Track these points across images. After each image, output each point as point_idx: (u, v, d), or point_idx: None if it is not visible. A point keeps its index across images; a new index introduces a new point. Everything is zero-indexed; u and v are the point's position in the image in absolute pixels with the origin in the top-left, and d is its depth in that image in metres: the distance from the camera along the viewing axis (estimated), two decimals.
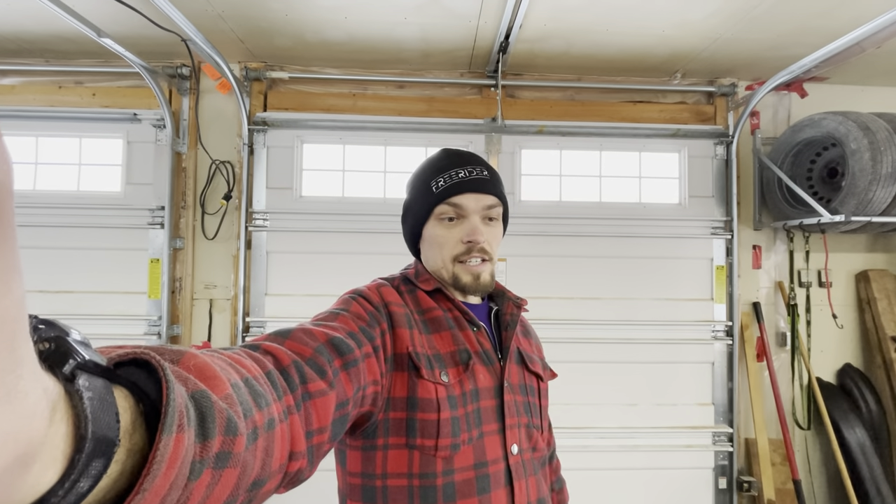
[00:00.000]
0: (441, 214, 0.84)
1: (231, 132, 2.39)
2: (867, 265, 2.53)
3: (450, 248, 0.83)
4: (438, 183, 0.83)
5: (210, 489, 0.34)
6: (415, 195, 0.88)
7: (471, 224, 0.83)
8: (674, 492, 2.35)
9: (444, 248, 0.84)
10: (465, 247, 0.83)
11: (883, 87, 2.54)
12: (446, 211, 0.83)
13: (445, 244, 0.84)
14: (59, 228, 2.28)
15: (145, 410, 0.29)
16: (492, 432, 0.78)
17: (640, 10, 1.89)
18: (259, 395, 0.43)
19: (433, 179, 0.84)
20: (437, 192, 0.83)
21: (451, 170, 0.84)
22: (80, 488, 0.24)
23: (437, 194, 0.83)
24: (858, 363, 2.51)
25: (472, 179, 0.83)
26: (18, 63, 2.33)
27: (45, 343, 0.25)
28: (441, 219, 0.84)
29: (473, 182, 0.83)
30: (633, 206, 2.46)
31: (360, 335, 0.68)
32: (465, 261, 0.83)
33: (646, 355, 2.38)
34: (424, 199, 0.85)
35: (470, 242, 0.82)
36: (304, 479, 0.53)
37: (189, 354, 0.37)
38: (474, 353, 0.81)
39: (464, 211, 0.83)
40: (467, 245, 0.83)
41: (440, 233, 0.84)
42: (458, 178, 0.83)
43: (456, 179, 0.83)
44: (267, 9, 1.92)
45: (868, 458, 2.28)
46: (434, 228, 0.85)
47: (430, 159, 0.89)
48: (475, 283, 0.84)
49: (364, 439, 0.74)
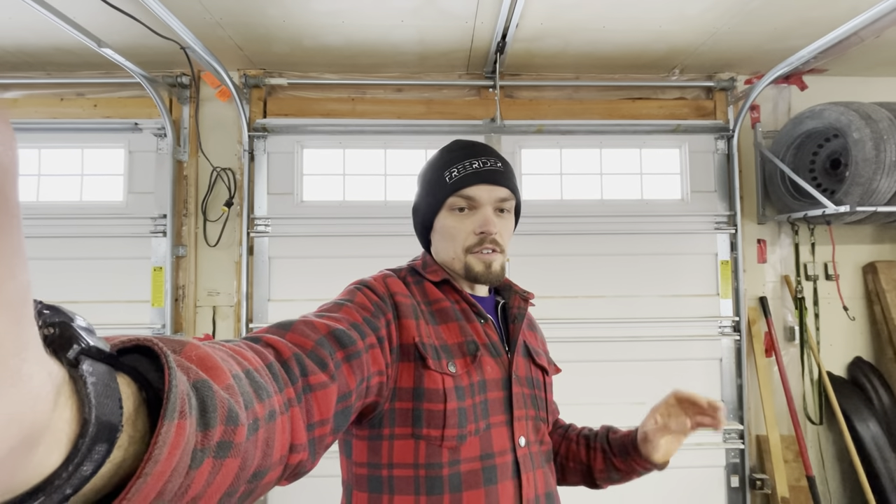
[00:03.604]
0: (454, 205, 0.83)
1: (231, 139, 2.40)
2: (874, 257, 2.51)
3: (462, 239, 0.83)
4: (452, 174, 0.82)
5: (211, 478, 0.34)
6: (427, 186, 0.87)
7: (483, 215, 0.82)
8: (685, 491, 2.31)
9: (456, 240, 0.83)
10: (477, 238, 0.82)
11: (884, 77, 2.53)
12: (459, 202, 0.82)
13: (458, 235, 0.83)
14: (63, 239, 2.29)
15: (147, 398, 0.30)
16: (499, 424, 0.77)
17: (636, 6, 1.89)
18: (260, 387, 0.43)
19: (447, 170, 0.83)
20: (451, 183, 0.82)
21: (464, 160, 0.83)
22: (84, 472, 0.24)
23: (450, 185, 0.82)
24: (869, 356, 2.47)
25: (486, 171, 0.82)
26: (20, 76, 2.36)
27: (49, 328, 0.25)
28: (453, 210, 0.83)
29: (487, 173, 0.82)
30: (635, 202, 2.45)
31: (364, 326, 0.68)
32: (478, 251, 0.82)
33: (652, 353, 2.36)
34: (437, 190, 0.84)
35: (482, 233, 0.81)
36: (305, 471, 0.53)
37: (191, 345, 0.37)
38: (482, 344, 0.80)
39: (476, 202, 0.82)
40: (479, 236, 0.82)
41: (452, 223, 0.83)
42: (471, 168, 0.82)
43: (470, 170, 0.82)
44: (264, 15, 1.93)
45: (883, 452, 2.24)
46: (446, 219, 0.84)
47: (444, 150, 0.88)
48: (487, 273, 0.83)
49: (370, 429, 0.73)
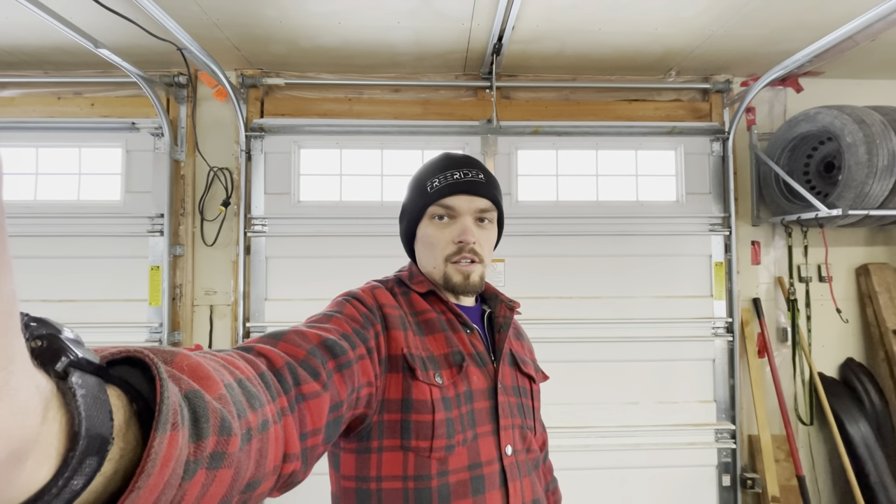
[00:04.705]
0: (434, 214, 0.85)
1: (228, 139, 2.40)
2: (867, 259, 2.52)
3: (441, 248, 0.84)
4: (433, 184, 0.85)
5: (204, 489, 0.34)
6: (411, 195, 0.89)
7: (462, 224, 0.83)
8: (677, 490, 2.34)
9: (435, 248, 0.85)
10: (456, 247, 0.83)
11: (878, 80, 2.54)
12: (438, 210, 0.84)
13: (437, 244, 0.85)
14: (60, 238, 2.30)
15: (138, 410, 0.29)
16: (486, 433, 0.78)
17: (631, 8, 1.90)
18: (253, 396, 0.43)
19: (429, 180, 0.86)
20: (431, 193, 0.84)
21: (446, 171, 0.85)
22: (74, 486, 0.24)
23: (430, 194, 0.84)
24: (860, 357, 2.50)
25: (467, 181, 0.84)
26: (18, 75, 2.36)
27: (37, 341, 0.25)
28: (434, 218, 0.85)
29: (467, 184, 0.84)
30: (630, 204, 2.46)
31: (354, 337, 0.68)
32: (457, 261, 0.84)
33: (646, 353, 2.38)
34: (419, 199, 0.86)
35: (461, 242, 0.83)
36: (298, 481, 0.53)
37: (182, 355, 0.37)
38: (468, 354, 0.81)
39: (456, 212, 0.84)
40: (458, 245, 0.83)
41: (432, 232, 0.85)
42: (452, 179, 0.84)
43: (451, 180, 0.84)
44: (261, 16, 1.94)
45: (872, 452, 2.27)
46: (427, 228, 0.86)
47: (429, 162, 0.90)
48: (465, 283, 0.84)
49: (358, 442, 0.74)
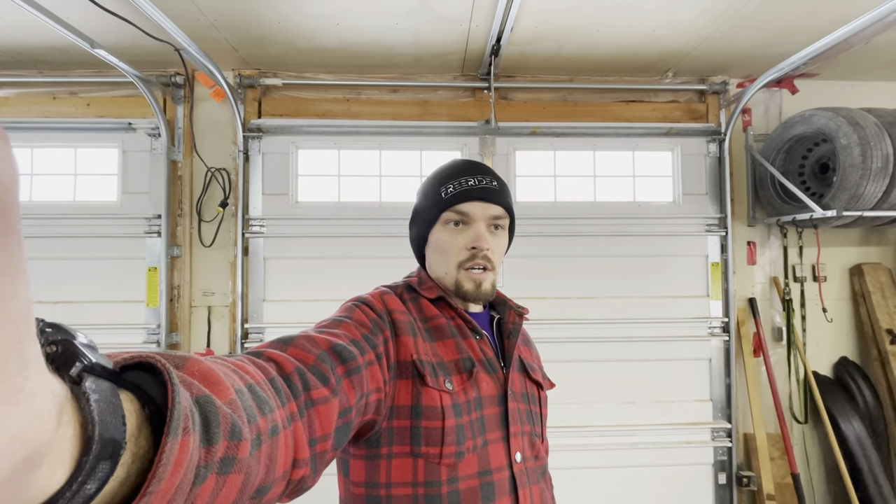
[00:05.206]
0: (448, 220, 0.85)
1: (226, 139, 2.40)
2: (861, 259, 2.55)
3: (454, 254, 0.84)
4: (448, 189, 0.85)
5: (214, 495, 0.34)
6: (424, 200, 0.89)
7: (476, 231, 0.83)
8: (674, 488, 2.36)
9: (448, 254, 0.85)
10: (469, 253, 0.84)
11: (872, 81, 2.56)
12: (453, 217, 0.85)
13: (451, 250, 0.85)
14: (56, 239, 2.29)
15: (150, 415, 0.29)
16: (496, 440, 0.78)
17: (629, 11, 1.91)
18: (263, 402, 0.43)
19: (443, 186, 0.86)
20: (446, 199, 0.84)
21: (460, 177, 0.85)
22: (88, 490, 0.24)
23: (445, 200, 0.84)
24: (854, 356, 2.53)
25: (481, 188, 0.84)
26: (12, 75, 2.34)
27: (52, 346, 0.25)
28: (447, 224, 0.85)
29: (482, 190, 0.84)
30: (627, 205, 2.48)
31: (363, 342, 0.68)
32: (469, 268, 0.84)
33: (643, 353, 2.40)
34: (433, 205, 0.86)
35: (474, 249, 0.83)
36: (307, 487, 0.53)
37: (193, 360, 0.37)
38: (477, 361, 0.81)
39: (470, 218, 0.84)
40: (471, 251, 0.84)
41: (445, 238, 0.85)
42: (467, 185, 0.84)
43: (465, 187, 0.84)
44: (259, 17, 1.93)
45: (866, 450, 2.30)
46: (440, 233, 0.86)
47: (443, 166, 0.90)
48: (476, 291, 0.84)
49: (367, 448, 0.73)
